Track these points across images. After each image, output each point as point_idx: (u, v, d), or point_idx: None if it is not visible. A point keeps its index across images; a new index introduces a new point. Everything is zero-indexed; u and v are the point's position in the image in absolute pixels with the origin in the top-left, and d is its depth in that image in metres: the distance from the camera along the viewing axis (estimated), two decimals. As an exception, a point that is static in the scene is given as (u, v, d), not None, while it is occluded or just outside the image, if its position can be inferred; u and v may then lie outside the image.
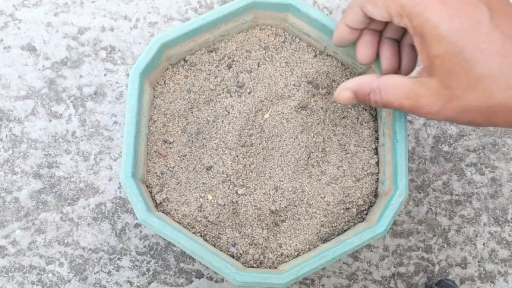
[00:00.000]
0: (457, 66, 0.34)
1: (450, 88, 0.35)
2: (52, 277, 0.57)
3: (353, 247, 0.44)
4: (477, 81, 0.34)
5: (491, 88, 0.33)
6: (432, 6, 0.35)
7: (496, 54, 0.33)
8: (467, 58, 0.34)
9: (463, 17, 0.34)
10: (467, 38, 0.34)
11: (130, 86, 0.46)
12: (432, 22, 0.35)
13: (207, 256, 0.43)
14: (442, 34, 0.34)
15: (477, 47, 0.34)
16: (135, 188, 0.44)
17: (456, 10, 0.34)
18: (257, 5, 0.49)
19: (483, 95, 0.34)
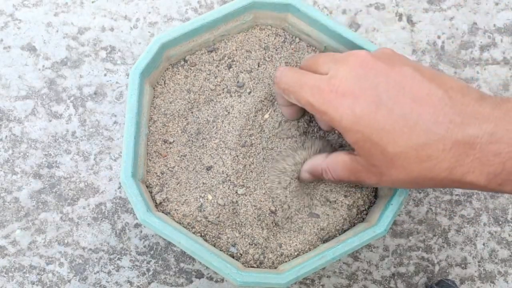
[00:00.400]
0: (372, 149, 0.36)
1: (376, 167, 0.37)
2: (52, 277, 0.57)
3: (353, 247, 0.44)
4: (392, 159, 0.36)
5: (407, 164, 0.35)
6: (332, 102, 0.37)
7: (401, 132, 0.35)
8: (377, 142, 0.36)
9: (362, 104, 0.36)
10: (371, 123, 0.36)
11: (130, 86, 0.46)
12: (336, 118, 0.37)
13: (207, 256, 0.43)
14: (348, 127, 0.36)
15: (383, 129, 0.35)
16: (135, 188, 0.44)
17: (355, 98, 0.36)
18: (257, 5, 0.49)
19: (403, 171, 0.36)
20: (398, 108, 0.35)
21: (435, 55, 0.62)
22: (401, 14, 0.63)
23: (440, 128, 0.34)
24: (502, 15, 0.63)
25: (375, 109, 0.35)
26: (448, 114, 0.34)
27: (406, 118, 0.35)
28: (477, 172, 0.33)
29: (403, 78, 0.36)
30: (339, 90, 0.37)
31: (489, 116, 0.33)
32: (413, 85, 0.36)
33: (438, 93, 0.35)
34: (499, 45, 0.63)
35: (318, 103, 0.38)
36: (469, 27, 0.63)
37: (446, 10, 0.63)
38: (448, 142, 0.34)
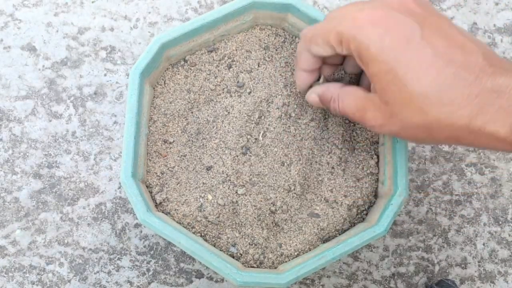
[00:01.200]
0: (390, 84, 0.35)
1: (389, 104, 0.36)
2: (52, 277, 0.57)
3: (353, 247, 0.44)
4: (411, 98, 0.34)
5: (425, 105, 0.34)
6: (364, 28, 0.36)
7: (428, 71, 0.34)
8: (399, 76, 0.34)
9: (393, 36, 0.35)
10: (398, 56, 0.35)
11: (130, 86, 0.46)
12: (365, 44, 0.36)
13: (207, 256, 0.43)
14: (374, 54, 0.35)
15: (409, 64, 0.34)
16: (135, 188, 0.44)
17: (387, 29, 0.35)
18: (257, 5, 0.49)
19: (418, 112, 0.34)
20: (430, 47, 0.34)
21: (435, 55, 0.62)
22: (401, 14, 0.63)
23: (470, 73, 0.33)
24: (502, 15, 0.63)
25: (406, 43, 0.35)
26: (480, 63, 0.33)
27: (437, 57, 0.34)
28: (500, 122, 0.32)
29: (441, 24, 0.36)
30: (372, 19, 0.36)
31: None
32: (449, 32, 0.35)
33: (473, 46, 0.34)
34: (499, 45, 0.63)
35: (348, 28, 0.37)
36: (469, 27, 0.63)
37: (446, 10, 0.63)
38: (475, 89, 0.33)
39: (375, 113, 0.38)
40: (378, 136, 0.51)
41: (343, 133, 0.51)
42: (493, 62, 0.34)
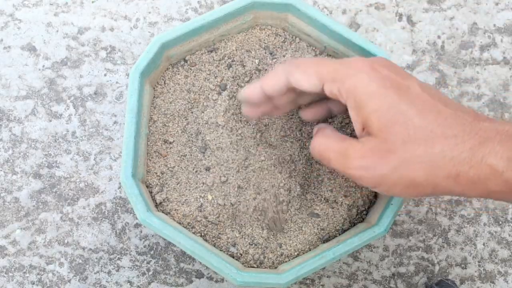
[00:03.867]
0: (394, 118, 0.35)
1: (388, 141, 0.35)
2: (52, 277, 0.57)
3: (353, 247, 0.44)
4: (415, 132, 0.34)
5: (430, 138, 0.34)
6: (364, 70, 0.36)
7: (430, 109, 0.35)
8: (403, 111, 0.34)
9: (393, 80, 0.36)
10: (400, 95, 0.35)
11: (130, 86, 0.46)
12: (365, 81, 0.36)
13: (207, 256, 0.43)
14: (375, 90, 0.35)
15: (411, 102, 0.35)
16: (135, 188, 0.44)
17: (387, 75, 0.36)
18: (257, 5, 0.49)
19: (422, 144, 0.34)
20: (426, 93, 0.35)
21: (435, 55, 0.62)
22: (401, 14, 0.63)
23: (467, 115, 0.34)
24: (502, 15, 0.63)
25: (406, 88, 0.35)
26: (471, 111, 0.35)
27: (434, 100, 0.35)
28: (499, 155, 0.32)
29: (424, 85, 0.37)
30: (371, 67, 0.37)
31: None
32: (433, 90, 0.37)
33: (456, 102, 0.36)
34: (499, 45, 0.63)
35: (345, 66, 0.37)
36: (469, 27, 0.63)
37: (446, 10, 0.63)
38: (475, 127, 0.34)
39: (361, 155, 0.36)
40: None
41: (343, 133, 0.51)
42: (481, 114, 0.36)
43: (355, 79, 0.36)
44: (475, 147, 0.33)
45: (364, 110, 0.36)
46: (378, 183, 0.36)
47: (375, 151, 0.35)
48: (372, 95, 0.35)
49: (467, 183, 0.34)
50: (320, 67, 0.38)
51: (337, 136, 0.39)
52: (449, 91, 0.62)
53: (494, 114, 0.61)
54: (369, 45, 0.48)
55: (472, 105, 0.61)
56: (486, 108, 0.61)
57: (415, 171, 0.34)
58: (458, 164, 0.33)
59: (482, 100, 0.62)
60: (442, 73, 0.62)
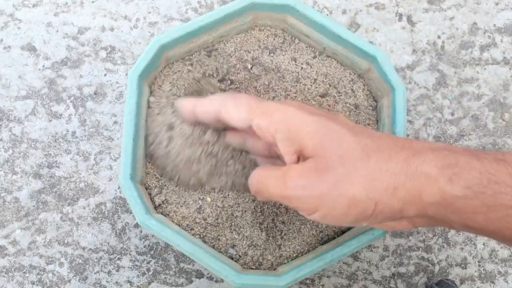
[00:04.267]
0: (327, 136, 0.35)
1: (325, 159, 0.34)
2: (52, 277, 0.57)
3: (352, 249, 0.44)
4: (350, 146, 0.34)
5: (367, 148, 0.34)
6: (292, 105, 0.37)
7: (361, 130, 0.36)
8: (335, 129, 0.35)
9: (321, 113, 0.37)
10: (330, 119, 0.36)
11: (129, 87, 0.46)
12: (294, 112, 0.36)
13: (206, 258, 0.43)
14: (306, 117, 0.35)
15: (342, 124, 0.36)
16: (133, 190, 0.44)
17: (314, 110, 0.37)
18: (257, 6, 0.49)
19: (359, 159, 0.34)
20: (354, 123, 0.37)
21: (435, 55, 0.62)
22: (401, 14, 0.63)
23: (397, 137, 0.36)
24: (502, 15, 0.63)
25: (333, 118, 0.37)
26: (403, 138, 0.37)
27: (360, 126, 0.36)
28: (432, 162, 0.32)
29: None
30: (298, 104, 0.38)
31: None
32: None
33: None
34: (499, 45, 0.62)
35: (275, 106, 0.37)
36: (469, 27, 0.63)
37: (446, 10, 0.63)
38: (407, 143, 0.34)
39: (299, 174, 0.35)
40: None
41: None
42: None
43: (284, 112, 0.36)
44: (409, 157, 0.33)
45: (297, 135, 0.35)
46: (317, 204, 0.34)
47: (313, 170, 0.34)
48: (303, 121, 0.35)
49: (405, 197, 0.33)
50: (252, 102, 0.38)
51: (274, 166, 0.39)
52: (449, 91, 0.61)
53: (494, 114, 0.61)
54: (368, 46, 0.48)
55: (472, 105, 0.61)
56: (486, 108, 0.61)
57: (354, 187, 0.33)
58: (394, 175, 0.33)
59: (482, 100, 0.61)
60: (442, 73, 0.62)
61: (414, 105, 0.61)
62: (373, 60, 0.48)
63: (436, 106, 0.61)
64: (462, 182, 0.32)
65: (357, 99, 0.52)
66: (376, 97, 0.52)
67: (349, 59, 0.51)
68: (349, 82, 0.52)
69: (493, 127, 0.61)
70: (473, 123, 0.61)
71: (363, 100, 0.52)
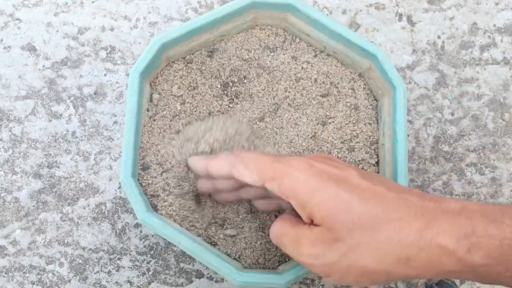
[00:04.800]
0: (336, 208, 0.34)
1: (334, 230, 0.34)
2: (52, 277, 0.57)
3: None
4: (360, 218, 0.34)
5: (375, 223, 0.33)
6: (300, 168, 0.36)
7: (372, 195, 0.34)
8: (344, 199, 0.34)
9: (330, 175, 0.36)
10: (338, 186, 0.35)
11: (130, 86, 0.46)
12: (302, 179, 0.35)
13: (207, 256, 0.43)
14: (314, 185, 0.35)
15: (352, 190, 0.34)
16: (135, 188, 0.44)
17: (323, 171, 0.36)
18: (257, 5, 0.49)
19: (369, 231, 0.34)
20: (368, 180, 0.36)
21: (435, 55, 0.62)
22: (401, 14, 0.63)
23: (412, 197, 0.35)
24: (502, 15, 0.63)
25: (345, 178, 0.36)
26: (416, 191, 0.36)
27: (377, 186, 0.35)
28: (448, 233, 0.32)
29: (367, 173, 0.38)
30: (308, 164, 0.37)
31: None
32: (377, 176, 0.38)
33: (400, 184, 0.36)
34: (499, 45, 0.63)
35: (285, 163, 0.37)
36: (469, 27, 0.63)
37: (446, 10, 0.63)
38: (421, 208, 0.33)
39: (311, 242, 0.36)
40: (378, 135, 0.51)
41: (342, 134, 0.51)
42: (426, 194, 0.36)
43: (293, 178, 0.36)
44: (422, 228, 0.32)
45: (306, 206, 0.35)
46: (329, 272, 0.35)
47: (323, 240, 0.35)
48: (311, 191, 0.35)
49: (421, 266, 0.33)
50: (260, 164, 0.38)
51: (292, 221, 0.39)
52: (449, 91, 0.61)
53: (494, 114, 0.61)
54: (368, 45, 0.48)
55: (472, 105, 0.61)
56: (486, 108, 0.61)
57: (364, 258, 0.34)
58: (406, 247, 0.33)
59: (482, 100, 0.62)
60: (442, 73, 0.62)
61: (414, 105, 0.61)
62: (374, 59, 0.48)
63: (436, 106, 0.61)
64: (482, 252, 0.31)
65: (357, 99, 0.52)
66: (377, 96, 0.52)
67: (350, 58, 0.51)
68: (350, 81, 0.52)
69: (493, 127, 0.61)
70: (473, 123, 0.61)
71: (364, 99, 0.52)
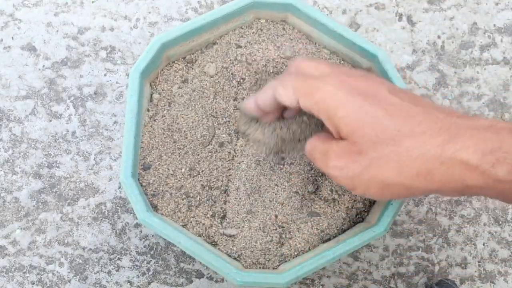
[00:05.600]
0: (360, 121, 0.35)
1: (358, 144, 0.35)
2: (52, 277, 0.57)
3: (353, 247, 0.44)
4: (383, 131, 0.34)
5: (397, 136, 0.34)
6: (331, 82, 0.36)
7: (398, 108, 0.35)
8: (370, 113, 0.35)
9: (360, 89, 0.36)
10: (366, 99, 0.35)
11: (130, 86, 0.45)
12: (331, 92, 0.36)
13: (207, 256, 0.43)
14: (342, 98, 0.36)
15: (378, 103, 0.35)
16: (135, 188, 0.44)
17: (353, 86, 0.36)
18: (257, 5, 0.49)
19: (390, 143, 0.34)
20: (395, 95, 0.36)
21: (435, 55, 0.62)
22: (401, 14, 0.63)
23: (440, 112, 0.35)
24: (502, 15, 0.63)
25: (373, 92, 0.36)
26: (446, 107, 0.35)
27: (404, 101, 0.35)
28: (471, 149, 0.32)
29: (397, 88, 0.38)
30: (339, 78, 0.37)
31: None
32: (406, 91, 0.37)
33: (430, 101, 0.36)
34: (499, 45, 0.63)
35: (317, 81, 0.38)
36: (469, 27, 0.63)
37: (446, 10, 0.63)
38: (446, 124, 0.33)
39: (337, 155, 0.37)
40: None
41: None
42: (456, 111, 0.35)
43: (323, 92, 0.36)
44: (444, 142, 0.33)
45: (333, 119, 0.36)
46: (352, 184, 0.37)
47: (347, 153, 0.36)
48: (339, 104, 0.36)
49: (441, 180, 0.33)
50: (297, 82, 0.39)
51: (324, 136, 0.40)
52: (449, 91, 0.62)
53: (494, 114, 0.61)
54: (369, 45, 0.48)
55: (472, 105, 0.61)
56: (486, 108, 0.61)
57: (385, 171, 0.35)
58: (426, 161, 0.33)
59: (482, 100, 0.62)
60: (442, 73, 0.62)
61: (414, 105, 0.61)
62: (374, 59, 0.48)
63: (436, 106, 0.61)
64: (506, 168, 0.31)
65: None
66: (377, 96, 0.52)
67: (350, 58, 0.51)
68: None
69: (493, 127, 0.61)
70: (473, 123, 0.61)
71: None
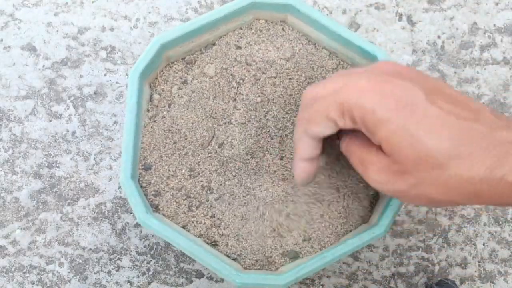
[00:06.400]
0: (403, 142, 0.33)
1: (400, 163, 0.34)
2: (52, 277, 0.57)
3: (352, 248, 0.44)
4: (427, 154, 0.33)
5: (443, 159, 0.33)
6: (367, 93, 0.35)
7: (441, 127, 0.33)
8: (411, 132, 0.33)
9: (398, 98, 0.34)
10: (407, 114, 0.33)
11: (130, 87, 0.45)
12: (369, 108, 0.34)
13: (207, 257, 0.43)
14: (381, 116, 0.34)
15: (420, 121, 0.33)
16: (134, 189, 0.44)
17: (391, 92, 0.34)
18: (257, 6, 0.49)
19: (436, 167, 0.33)
20: (437, 106, 0.34)
21: (435, 55, 0.62)
22: (401, 14, 0.63)
23: (483, 127, 0.33)
24: (502, 15, 0.63)
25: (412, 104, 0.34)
26: (489, 117, 0.33)
27: (446, 114, 0.33)
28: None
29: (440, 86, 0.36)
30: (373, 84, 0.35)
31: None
32: (449, 92, 0.35)
33: (477, 103, 0.34)
34: (499, 45, 0.63)
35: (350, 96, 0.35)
36: (469, 27, 0.63)
37: (446, 10, 0.63)
38: (492, 141, 0.32)
39: (378, 170, 0.36)
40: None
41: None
42: (500, 117, 0.34)
43: (360, 109, 0.35)
44: (493, 165, 0.31)
45: (374, 137, 0.35)
46: (398, 196, 0.36)
47: (390, 171, 0.35)
48: (379, 121, 0.34)
49: (490, 199, 0.33)
50: (324, 108, 0.37)
51: (360, 142, 0.39)
52: (449, 91, 0.62)
53: (494, 114, 0.61)
54: (368, 45, 0.48)
55: (472, 105, 0.61)
56: (486, 108, 0.61)
57: (433, 192, 0.34)
58: (475, 184, 0.32)
59: (482, 100, 0.62)
60: (442, 73, 0.62)
61: (414, 105, 0.61)
62: (374, 59, 0.48)
63: (436, 106, 0.61)
64: None
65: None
66: (377, 97, 0.52)
67: (350, 58, 0.50)
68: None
69: (493, 127, 0.61)
70: (473, 123, 0.61)
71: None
